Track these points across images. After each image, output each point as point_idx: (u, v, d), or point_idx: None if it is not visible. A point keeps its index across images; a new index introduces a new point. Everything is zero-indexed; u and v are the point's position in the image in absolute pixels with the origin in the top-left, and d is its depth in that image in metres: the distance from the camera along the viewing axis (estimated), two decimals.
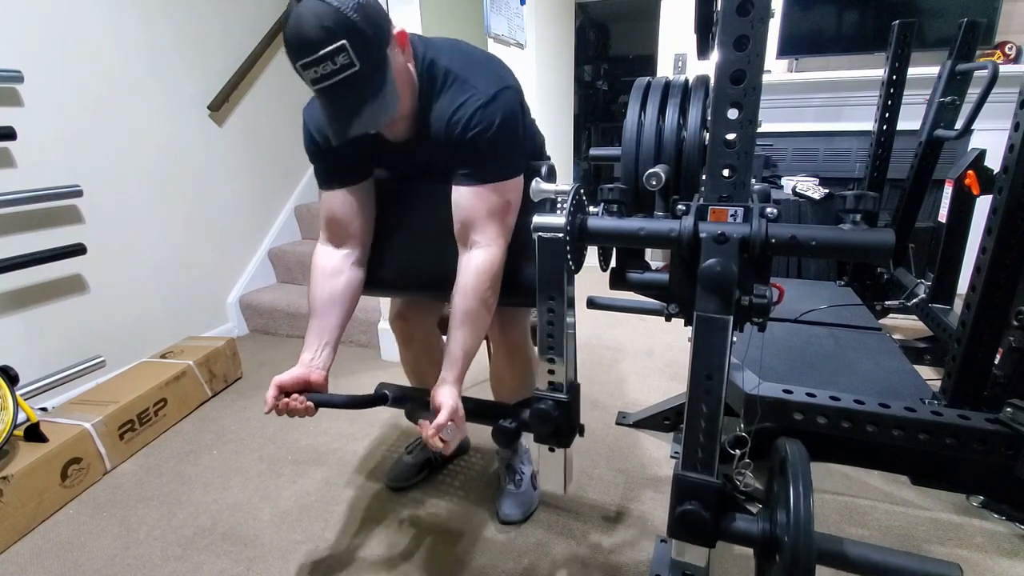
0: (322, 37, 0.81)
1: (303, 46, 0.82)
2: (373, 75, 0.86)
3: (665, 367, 2.11)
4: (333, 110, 0.88)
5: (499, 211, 1.02)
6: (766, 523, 0.85)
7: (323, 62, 0.82)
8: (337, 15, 0.81)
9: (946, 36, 2.14)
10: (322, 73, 0.83)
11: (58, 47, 1.83)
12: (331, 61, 0.82)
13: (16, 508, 1.33)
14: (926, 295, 1.89)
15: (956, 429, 1.12)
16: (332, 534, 1.31)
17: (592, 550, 1.23)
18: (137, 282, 2.15)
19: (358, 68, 0.83)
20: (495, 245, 1.02)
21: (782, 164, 2.91)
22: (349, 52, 0.82)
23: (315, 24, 0.80)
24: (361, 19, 0.82)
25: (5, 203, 1.69)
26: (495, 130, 0.97)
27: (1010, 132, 1.17)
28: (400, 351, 1.39)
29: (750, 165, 0.82)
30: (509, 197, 1.03)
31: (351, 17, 0.81)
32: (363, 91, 0.86)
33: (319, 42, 0.81)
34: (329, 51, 0.81)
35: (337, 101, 0.87)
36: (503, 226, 1.03)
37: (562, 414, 1.01)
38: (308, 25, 0.81)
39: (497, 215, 1.02)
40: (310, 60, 0.82)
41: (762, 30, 0.76)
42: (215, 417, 1.87)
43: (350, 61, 0.82)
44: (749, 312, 0.84)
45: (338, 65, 0.82)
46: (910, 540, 1.23)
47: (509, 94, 0.99)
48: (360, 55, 0.83)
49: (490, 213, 1.01)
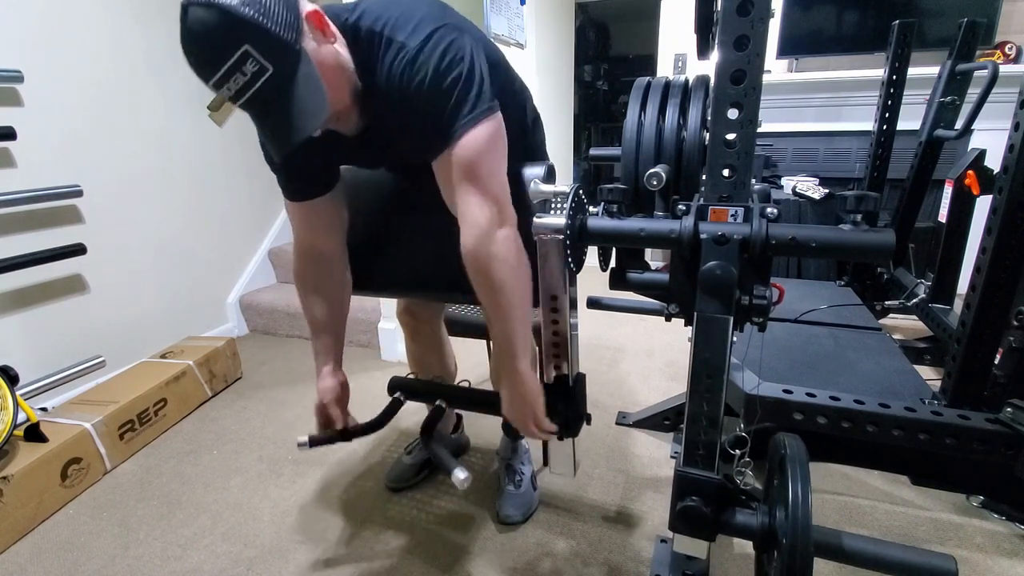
0: (219, 48, 0.69)
1: (203, 64, 0.70)
2: (292, 74, 0.74)
3: (665, 367, 2.11)
4: (263, 125, 0.77)
5: (472, 173, 0.84)
6: (765, 516, 0.86)
7: (232, 76, 0.70)
8: (229, 16, 0.67)
9: (946, 36, 2.14)
10: (236, 88, 0.71)
11: (58, 47, 1.82)
12: (239, 72, 0.70)
13: (16, 508, 1.33)
14: (926, 295, 1.89)
15: (956, 429, 1.12)
16: (332, 534, 1.31)
17: (592, 550, 1.24)
18: (137, 282, 2.15)
19: (272, 71, 0.71)
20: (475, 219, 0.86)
21: (782, 164, 2.91)
22: (255, 56, 0.69)
23: (208, 35, 0.68)
24: (258, 12, 0.69)
25: (5, 203, 1.69)
26: (429, 81, 0.80)
27: (1010, 132, 1.17)
28: (406, 343, 1.40)
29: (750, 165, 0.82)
30: (478, 149, 0.83)
31: (246, 14, 0.68)
32: (287, 94, 0.74)
33: (218, 55, 0.69)
34: (233, 62, 0.69)
35: (265, 114, 0.76)
36: (482, 188, 0.85)
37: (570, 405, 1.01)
38: (200, 38, 0.69)
39: (472, 179, 0.84)
40: (217, 78, 0.70)
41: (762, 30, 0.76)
42: (215, 417, 1.87)
43: (260, 66, 0.70)
44: (749, 312, 0.84)
45: (249, 75, 0.70)
46: (910, 540, 1.22)
47: (443, 32, 0.81)
48: (270, 56, 0.70)
49: (462, 180, 0.85)
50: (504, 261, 0.88)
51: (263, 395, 2.01)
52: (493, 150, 0.85)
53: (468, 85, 0.81)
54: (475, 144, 0.83)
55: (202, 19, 0.68)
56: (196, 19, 0.68)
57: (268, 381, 2.12)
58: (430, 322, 1.37)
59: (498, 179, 0.87)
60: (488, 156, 0.84)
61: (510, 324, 0.93)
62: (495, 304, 0.92)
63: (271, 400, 1.97)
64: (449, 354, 1.45)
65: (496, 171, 0.86)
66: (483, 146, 0.83)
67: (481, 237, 0.86)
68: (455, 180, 0.85)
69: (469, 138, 0.82)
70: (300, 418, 1.83)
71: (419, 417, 1.57)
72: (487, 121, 0.83)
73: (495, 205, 0.86)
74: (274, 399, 1.97)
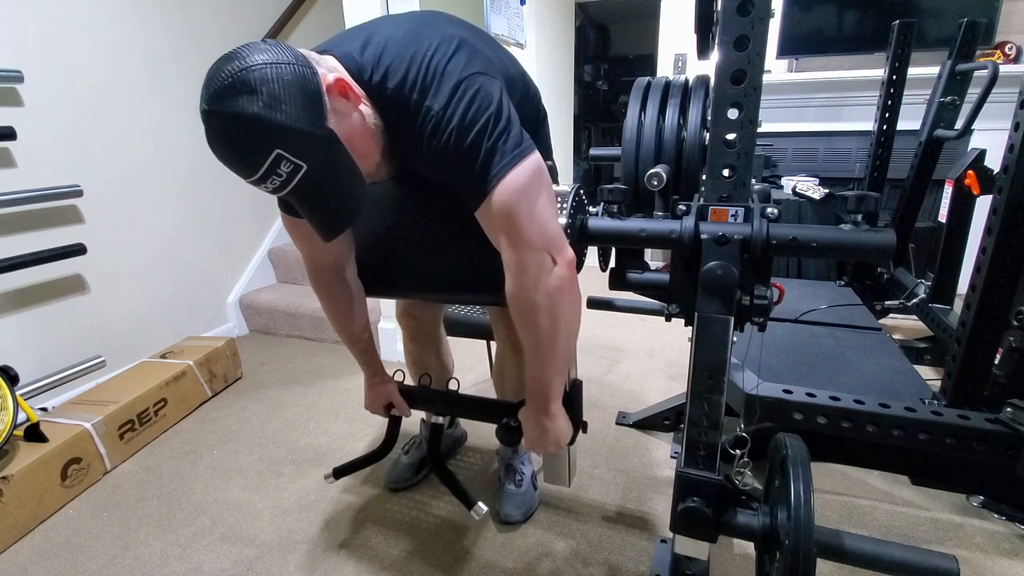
0: (252, 158, 0.67)
1: (238, 168, 0.69)
2: (327, 163, 0.72)
3: (665, 367, 2.11)
4: (308, 213, 0.77)
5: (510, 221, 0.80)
6: (767, 517, 0.86)
7: (268, 178, 0.69)
8: (255, 123, 0.65)
9: (946, 36, 2.15)
10: (274, 186, 0.70)
11: (58, 47, 1.82)
12: (275, 175, 0.68)
13: (16, 508, 1.33)
14: (926, 295, 1.89)
15: (956, 429, 1.12)
16: (332, 534, 1.31)
17: (592, 550, 1.23)
18: (137, 282, 2.15)
19: (307, 168, 0.69)
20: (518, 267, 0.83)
21: (782, 164, 2.91)
22: (288, 159, 0.68)
23: (236, 145, 0.67)
24: (283, 112, 0.66)
25: (5, 203, 1.69)
26: (454, 141, 0.77)
27: (1010, 132, 1.17)
28: (404, 344, 1.41)
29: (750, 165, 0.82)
30: (513, 197, 0.79)
31: (272, 120, 0.65)
32: (326, 184, 0.73)
33: (251, 164, 0.68)
34: (267, 168, 0.67)
35: (306, 203, 0.75)
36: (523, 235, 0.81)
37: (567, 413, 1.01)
38: (229, 148, 0.68)
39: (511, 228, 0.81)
40: (254, 180, 0.69)
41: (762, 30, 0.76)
42: (215, 417, 1.87)
43: (295, 166, 0.68)
44: (749, 312, 0.84)
45: (284, 175, 0.69)
46: (910, 540, 1.22)
47: (466, 85, 0.78)
48: (302, 154, 0.68)
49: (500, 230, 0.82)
50: (550, 313, 0.85)
51: (263, 395, 2.01)
52: (532, 192, 0.80)
53: (494, 134, 0.77)
54: (509, 192, 0.78)
55: (227, 131, 0.67)
56: (221, 129, 0.67)
57: (268, 381, 2.12)
58: (430, 323, 1.37)
59: (540, 221, 0.81)
60: (526, 200, 0.79)
61: (549, 369, 0.92)
62: (536, 351, 0.90)
63: (271, 400, 1.97)
64: (447, 353, 1.45)
65: (538, 212, 0.81)
66: (518, 192, 0.79)
67: (523, 285, 0.83)
68: (495, 231, 0.83)
69: (502, 188, 0.78)
70: (300, 418, 1.83)
71: (416, 416, 1.57)
72: (520, 164, 0.79)
73: (540, 250, 0.82)
74: (274, 399, 1.97)
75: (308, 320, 2.49)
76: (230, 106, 0.65)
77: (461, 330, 1.51)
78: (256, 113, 0.65)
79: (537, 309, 0.84)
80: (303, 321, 2.51)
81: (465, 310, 1.53)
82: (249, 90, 0.65)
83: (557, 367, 0.93)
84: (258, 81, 0.65)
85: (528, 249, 0.81)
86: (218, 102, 0.65)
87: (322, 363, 2.26)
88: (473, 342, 1.50)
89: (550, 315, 0.85)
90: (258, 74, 0.65)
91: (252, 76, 0.65)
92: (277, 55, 0.68)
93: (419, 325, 1.36)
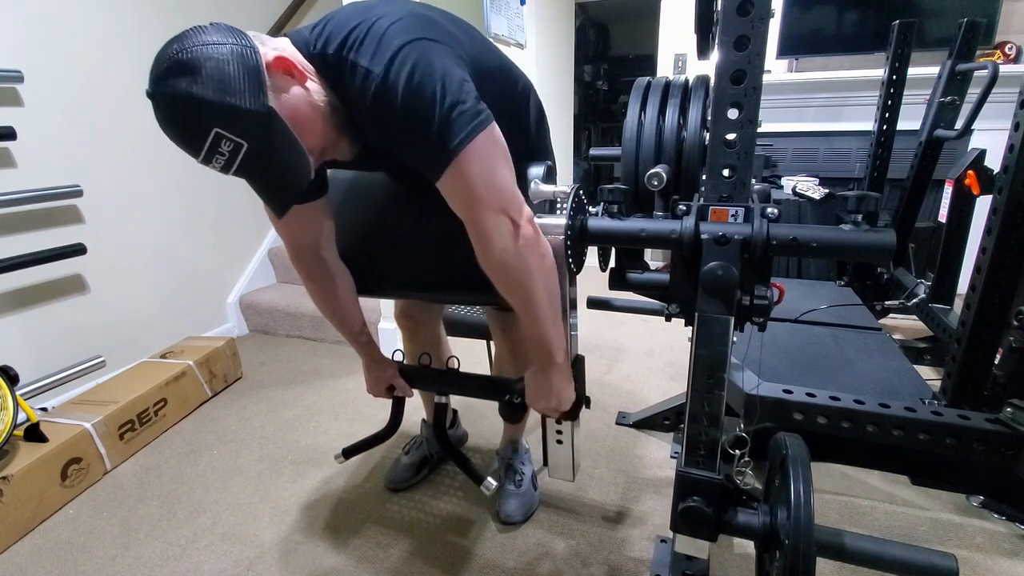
0: (191, 135, 0.69)
1: (184, 146, 0.71)
2: (268, 140, 0.72)
3: (665, 367, 2.11)
4: (256, 188, 0.78)
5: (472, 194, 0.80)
6: (767, 516, 0.86)
7: (212, 157, 0.70)
8: (191, 102, 0.66)
9: (946, 36, 2.14)
10: (220, 164, 0.71)
11: (58, 47, 1.82)
12: (218, 153, 0.70)
13: (16, 508, 1.33)
14: (926, 295, 1.89)
15: (956, 429, 1.12)
16: (332, 534, 1.31)
17: (592, 550, 1.23)
18: (137, 282, 2.15)
19: (247, 146, 0.70)
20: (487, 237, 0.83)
21: (782, 164, 2.91)
22: (228, 136, 0.69)
23: (176, 123, 0.69)
24: (217, 92, 0.67)
25: (5, 203, 1.68)
26: (402, 108, 0.74)
27: (1010, 132, 1.17)
28: (404, 344, 1.40)
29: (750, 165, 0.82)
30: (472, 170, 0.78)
31: (206, 97, 0.66)
32: (269, 160, 0.74)
33: (193, 141, 0.69)
34: (209, 146, 0.69)
35: (253, 180, 0.76)
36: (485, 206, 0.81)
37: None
38: (172, 126, 0.69)
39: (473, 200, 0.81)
40: (200, 159, 0.71)
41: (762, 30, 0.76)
42: (215, 417, 1.87)
43: (235, 143, 0.70)
44: (750, 312, 0.84)
45: (227, 153, 0.70)
46: (910, 540, 1.22)
47: (408, 51, 0.74)
48: (240, 131, 0.69)
49: (464, 203, 0.82)
50: (523, 270, 0.86)
51: (263, 395, 2.01)
52: (491, 160, 0.81)
53: (446, 102, 0.75)
54: (468, 166, 0.78)
55: (169, 111, 0.68)
56: (163, 109, 0.68)
57: (268, 381, 2.12)
58: (428, 323, 1.37)
59: (499, 187, 0.82)
60: (485, 172, 0.80)
61: (541, 325, 0.91)
62: (524, 310, 0.90)
63: (271, 400, 1.97)
64: (447, 353, 1.45)
65: (497, 181, 0.81)
66: (480, 163, 0.79)
67: (494, 253, 0.84)
68: (459, 204, 0.83)
69: (461, 162, 0.77)
70: (300, 418, 1.83)
71: (417, 417, 1.57)
72: (476, 137, 0.77)
73: (501, 213, 0.82)
74: (274, 399, 1.97)
75: (308, 320, 2.49)
76: (170, 87, 0.67)
77: (461, 330, 1.51)
78: (192, 93, 0.66)
79: (510, 270, 0.85)
80: (303, 321, 2.51)
81: (465, 310, 1.53)
82: (187, 71, 0.66)
83: (549, 319, 0.91)
84: (196, 62, 0.66)
85: (492, 214, 0.82)
86: (159, 84, 0.67)
87: (322, 363, 2.26)
88: (473, 342, 1.50)
89: (524, 272, 0.86)
90: (197, 54, 0.67)
91: (190, 57, 0.66)
92: (218, 36, 0.69)
93: (417, 326, 1.36)
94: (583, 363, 1.07)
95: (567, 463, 1.16)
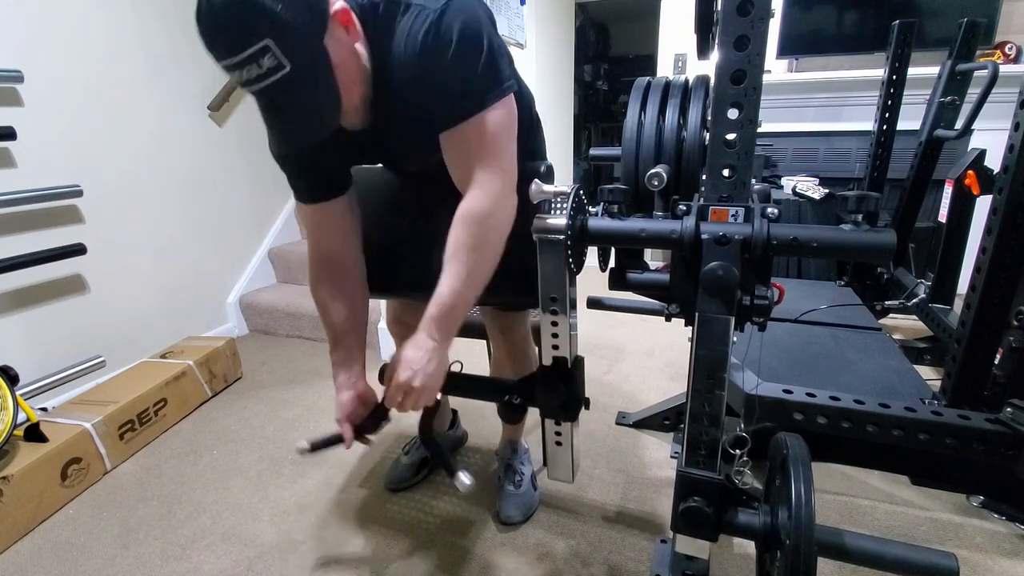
0: (240, 37, 0.66)
1: (218, 46, 0.68)
2: (309, 75, 0.71)
3: (665, 367, 2.11)
4: (269, 118, 0.76)
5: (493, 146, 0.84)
6: (767, 516, 0.86)
7: (246, 66, 0.67)
8: (255, 6, 0.65)
9: (946, 36, 2.14)
10: (247, 78, 0.69)
11: (58, 47, 1.82)
12: (255, 64, 0.67)
13: (16, 508, 1.33)
14: (926, 295, 1.89)
15: (956, 429, 1.13)
16: (332, 534, 1.31)
17: (592, 550, 1.23)
18: (137, 282, 2.15)
19: (288, 70, 0.69)
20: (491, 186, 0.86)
21: (782, 164, 2.91)
22: (276, 53, 0.67)
23: (230, 20, 0.65)
24: (287, 7, 0.66)
25: (5, 203, 1.68)
26: (455, 46, 0.77)
27: (1010, 132, 1.17)
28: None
29: (750, 165, 0.82)
30: (501, 125, 0.83)
31: (273, 8, 0.65)
32: (299, 95, 0.73)
33: (237, 44, 0.66)
34: (251, 54, 0.66)
35: (272, 108, 0.74)
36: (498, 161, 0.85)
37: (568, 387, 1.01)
38: (222, 21, 0.66)
39: (491, 152, 0.85)
40: (231, 63, 0.68)
41: (762, 30, 0.76)
42: (215, 417, 1.87)
43: (278, 63, 0.68)
44: (750, 312, 0.84)
45: (264, 69, 0.68)
46: (910, 540, 1.22)
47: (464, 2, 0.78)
48: (290, 54, 0.68)
49: (481, 152, 0.84)
50: (502, 229, 0.89)
51: (263, 395, 2.01)
52: (511, 127, 0.87)
53: (492, 60, 0.80)
54: (498, 120, 0.83)
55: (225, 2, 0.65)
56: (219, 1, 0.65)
57: (268, 381, 2.12)
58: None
59: (509, 152, 0.88)
60: (507, 132, 0.86)
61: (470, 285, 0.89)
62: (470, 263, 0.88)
63: (271, 400, 1.97)
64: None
65: (509, 146, 0.88)
66: (505, 122, 0.84)
67: (493, 202, 0.87)
68: (474, 151, 0.85)
69: (494, 114, 0.82)
70: (300, 418, 1.83)
71: (415, 417, 1.57)
72: (507, 97, 0.84)
73: (509, 178, 0.88)
74: (274, 399, 1.97)
75: (308, 320, 2.49)
76: None
77: (460, 330, 1.51)
78: None
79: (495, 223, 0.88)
80: (303, 321, 2.51)
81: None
82: None
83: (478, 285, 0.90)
84: None
85: (495, 172, 0.86)
86: None
87: (322, 363, 2.26)
88: (473, 342, 1.50)
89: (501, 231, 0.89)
90: None
91: None
92: None
93: (410, 332, 1.34)
94: (583, 363, 1.07)
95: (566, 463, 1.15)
